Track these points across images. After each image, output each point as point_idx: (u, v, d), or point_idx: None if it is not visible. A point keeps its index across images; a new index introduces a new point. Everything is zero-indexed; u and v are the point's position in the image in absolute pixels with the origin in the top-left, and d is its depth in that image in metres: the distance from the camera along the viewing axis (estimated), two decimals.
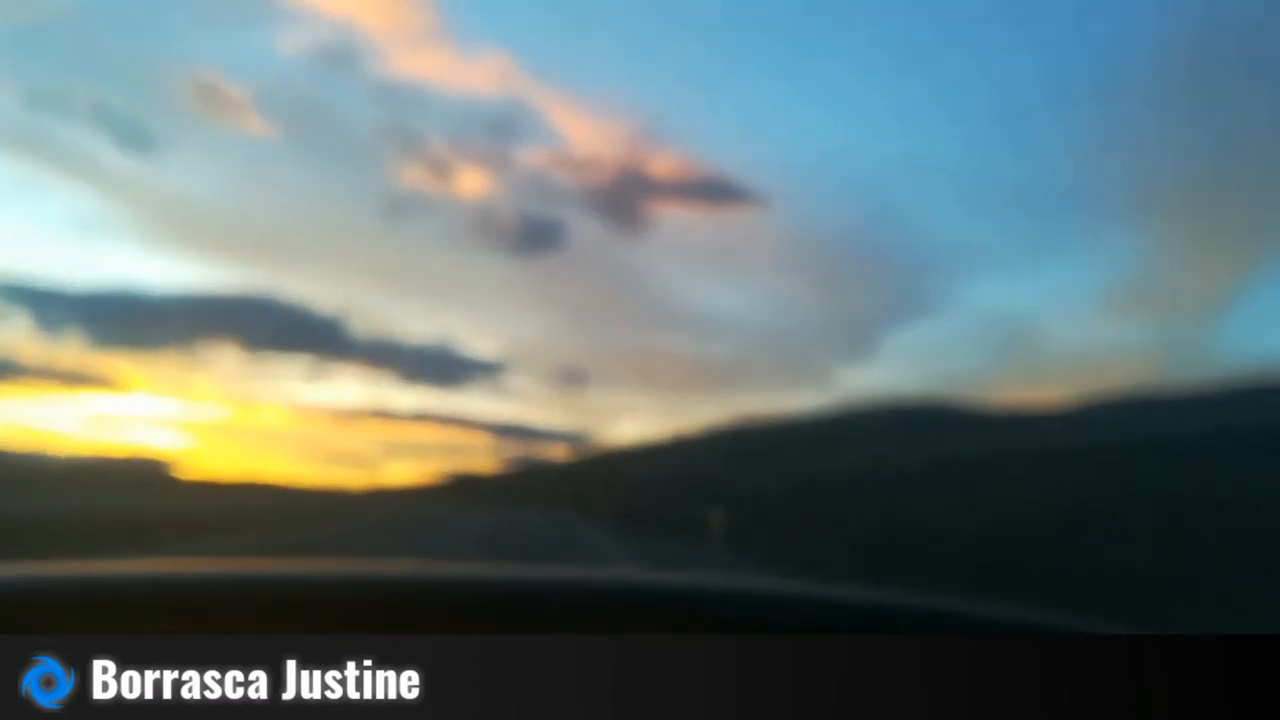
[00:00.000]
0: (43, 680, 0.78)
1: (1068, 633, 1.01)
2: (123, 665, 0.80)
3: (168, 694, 0.79)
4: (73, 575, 0.98)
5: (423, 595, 1.04)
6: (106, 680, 0.79)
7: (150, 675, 0.79)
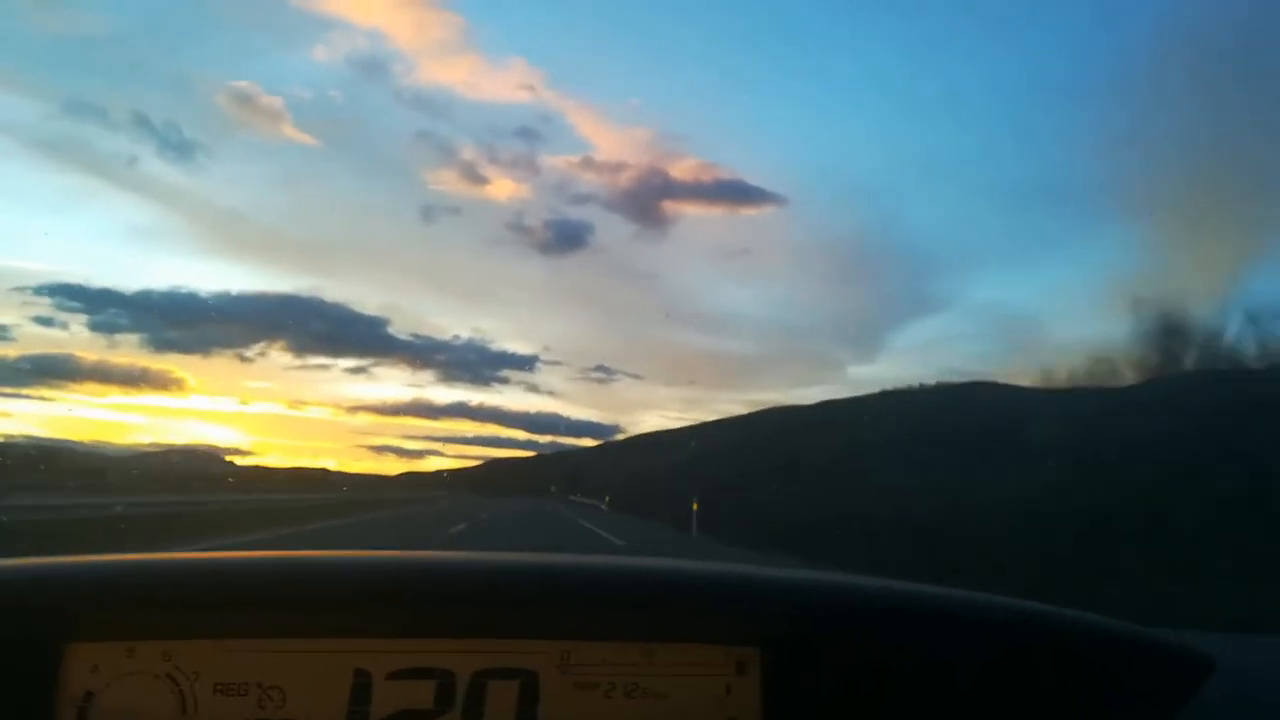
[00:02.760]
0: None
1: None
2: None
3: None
4: (96, 566, 0.94)
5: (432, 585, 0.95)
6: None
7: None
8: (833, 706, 0.89)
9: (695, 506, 25.68)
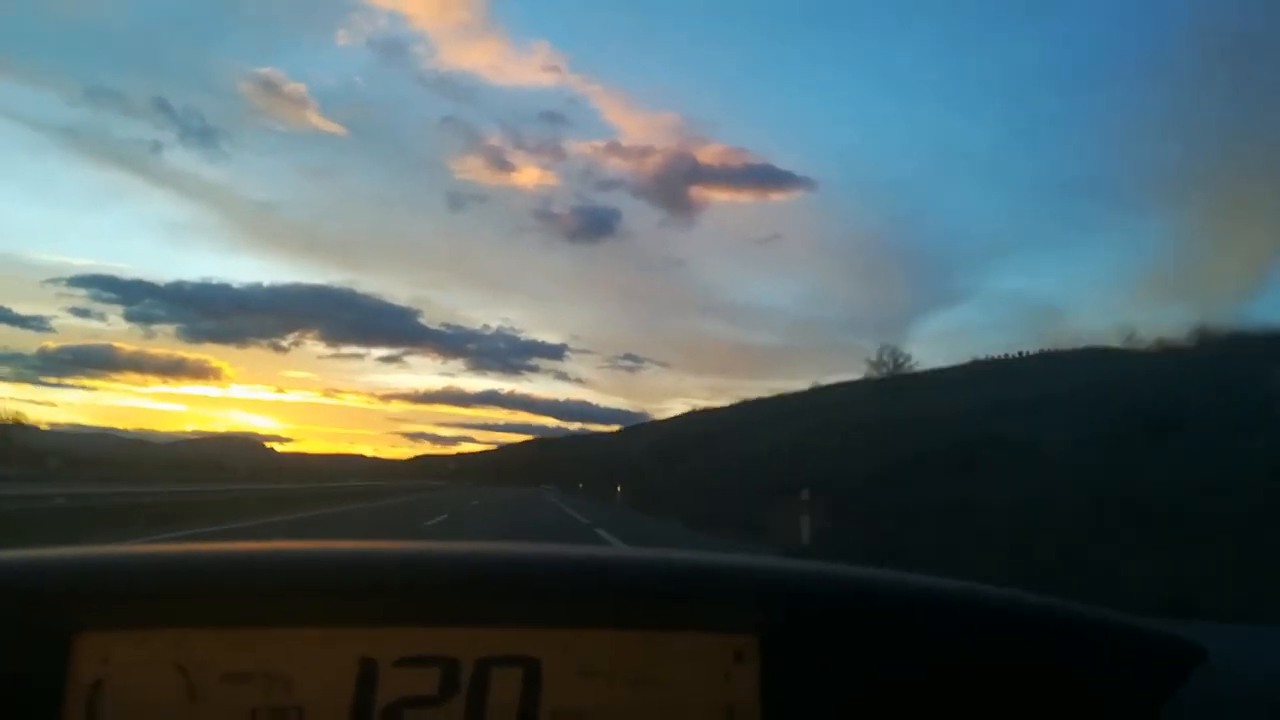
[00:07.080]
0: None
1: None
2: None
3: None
4: (106, 556, 0.95)
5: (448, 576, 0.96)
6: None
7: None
8: (830, 694, 0.89)
9: None
